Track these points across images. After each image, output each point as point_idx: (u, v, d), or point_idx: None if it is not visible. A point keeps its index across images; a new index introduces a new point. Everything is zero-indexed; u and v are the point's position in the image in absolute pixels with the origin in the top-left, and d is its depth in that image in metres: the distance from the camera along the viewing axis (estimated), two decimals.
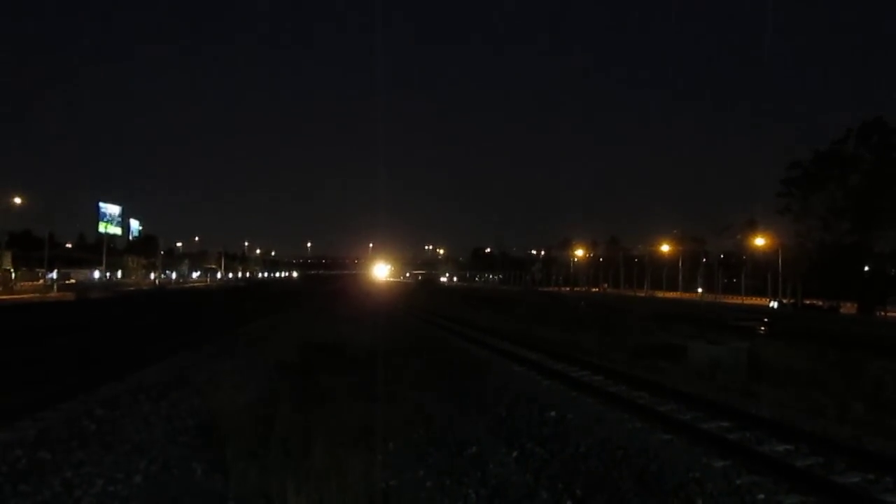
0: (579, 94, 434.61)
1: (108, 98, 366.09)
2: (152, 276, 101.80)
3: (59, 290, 61.57)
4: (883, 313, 42.09)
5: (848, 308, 44.17)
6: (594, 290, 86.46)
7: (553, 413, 9.77)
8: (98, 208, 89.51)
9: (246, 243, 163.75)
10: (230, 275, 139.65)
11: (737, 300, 57.55)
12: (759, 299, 55.41)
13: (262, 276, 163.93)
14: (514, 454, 7.71)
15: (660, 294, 70.00)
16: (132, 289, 75.52)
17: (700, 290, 63.85)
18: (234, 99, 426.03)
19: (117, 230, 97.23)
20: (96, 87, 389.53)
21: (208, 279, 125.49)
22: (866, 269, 46.68)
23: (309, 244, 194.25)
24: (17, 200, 65.31)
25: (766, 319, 30.42)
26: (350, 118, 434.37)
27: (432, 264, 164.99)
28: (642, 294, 72.23)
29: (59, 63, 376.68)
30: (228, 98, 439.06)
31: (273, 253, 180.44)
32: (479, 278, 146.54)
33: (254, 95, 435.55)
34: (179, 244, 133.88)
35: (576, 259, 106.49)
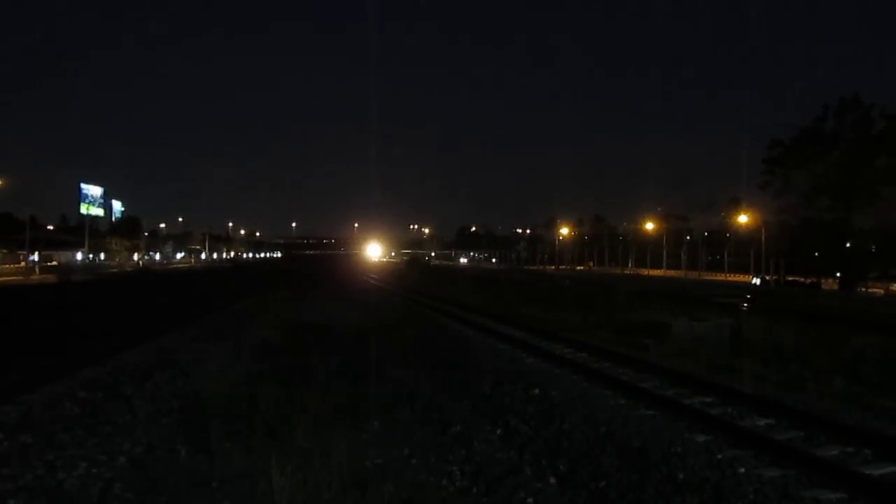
0: (564, 73, 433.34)
1: (91, 80, 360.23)
2: (136, 257, 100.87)
3: (40, 272, 60.84)
4: (864, 289, 42.61)
5: (829, 284, 44.64)
6: (579, 268, 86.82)
7: (537, 390, 9.84)
8: (80, 189, 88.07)
9: (230, 224, 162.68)
10: (214, 255, 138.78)
11: (720, 277, 58.03)
12: (742, 276, 55.89)
13: (247, 256, 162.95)
14: (499, 432, 7.76)
15: (644, 272, 70.41)
16: (115, 271, 74.87)
17: (683, 267, 64.31)
18: (217, 80, 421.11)
19: (100, 212, 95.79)
20: (79, 70, 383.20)
21: (192, 260, 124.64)
22: (847, 245, 47.17)
23: (294, 224, 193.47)
24: None
25: (748, 296, 30.67)
26: (335, 99, 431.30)
27: (418, 243, 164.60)
28: (627, 272, 72.69)
29: (42, 46, 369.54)
30: (212, 79, 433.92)
31: (258, 234, 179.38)
32: (465, 258, 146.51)
33: (237, 77, 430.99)
34: (163, 225, 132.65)
35: (561, 237, 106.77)
